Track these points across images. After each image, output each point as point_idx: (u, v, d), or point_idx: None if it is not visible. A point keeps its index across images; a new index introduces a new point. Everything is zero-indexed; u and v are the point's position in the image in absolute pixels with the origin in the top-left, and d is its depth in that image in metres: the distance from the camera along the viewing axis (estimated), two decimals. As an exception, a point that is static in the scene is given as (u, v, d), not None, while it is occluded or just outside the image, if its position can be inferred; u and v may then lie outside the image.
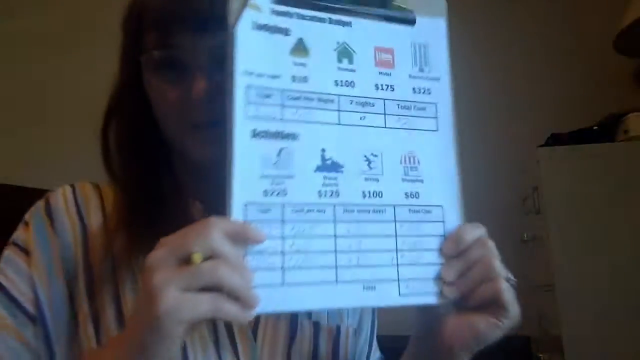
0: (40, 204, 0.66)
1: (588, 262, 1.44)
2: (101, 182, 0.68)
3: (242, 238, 0.47)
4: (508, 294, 0.52)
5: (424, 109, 0.57)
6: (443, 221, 0.55)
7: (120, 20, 0.65)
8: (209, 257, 0.44)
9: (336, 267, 0.51)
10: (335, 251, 0.51)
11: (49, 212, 0.64)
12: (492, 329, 0.53)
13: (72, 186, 0.68)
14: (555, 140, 1.56)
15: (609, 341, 1.39)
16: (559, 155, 1.55)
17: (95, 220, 0.65)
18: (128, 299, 0.60)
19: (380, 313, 0.74)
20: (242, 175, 0.49)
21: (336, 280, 0.51)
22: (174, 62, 0.59)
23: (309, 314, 0.66)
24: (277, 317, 0.64)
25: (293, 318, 0.65)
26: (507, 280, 0.53)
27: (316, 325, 0.66)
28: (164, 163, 0.66)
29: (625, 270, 1.43)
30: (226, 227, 0.46)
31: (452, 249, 0.54)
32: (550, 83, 1.88)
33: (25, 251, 0.62)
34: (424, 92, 0.57)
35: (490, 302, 0.52)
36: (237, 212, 0.49)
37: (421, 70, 0.58)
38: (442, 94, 0.58)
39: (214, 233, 0.45)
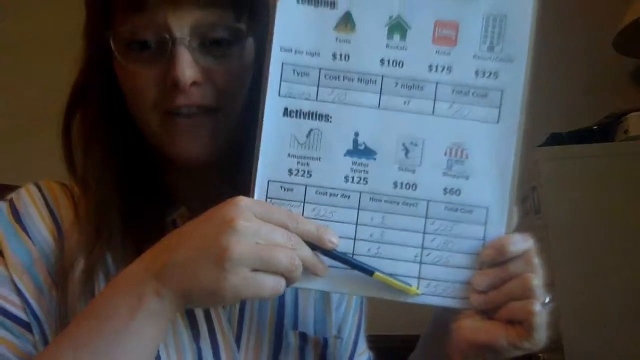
0: (3, 209, 0.58)
1: (588, 262, 1.44)
2: (68, 181, 0.61)
3: (319, 242, 0.48)
4: (539, 319, 0.48)
5: (485, 96, 0.51)
6: (485, 224, 0.51)
7: None
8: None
9: (353, 254, 0.51)
10: (355, 239, 0.51)
11: (18, 219, 0.57)
12: (512, 347, 0.49)
13: (38, 186, 0.60)
14: (554, 140, 1.55)
15: (610, 341, 1.39)
16: (558, 156, 1.54)
17: (68, 221, 0.58)
18: None
19: (375, 311, 0.71)
20: (268, 153, 0.50)
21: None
22: (150, 40, 0.53)
23: (294, 325, 0.62)
24: (261, 326, 0.61)
25: (278, 328, 0.61)
26: (543, 304, 0.49)
27: (303, 337, 0.62)
28: (139, 161, 0.59)
29: (625, 270, 1.42)
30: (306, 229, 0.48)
31: (492, 257, 0.50)
32: (549, 83, 1.87)
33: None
34: (489, 76, 0.51)
35: (518, 320, 0.49)
36: (260, 188, 0.50)
37: (491, 49, 0.50)
38: (513, 79, 0.51)
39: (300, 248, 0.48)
